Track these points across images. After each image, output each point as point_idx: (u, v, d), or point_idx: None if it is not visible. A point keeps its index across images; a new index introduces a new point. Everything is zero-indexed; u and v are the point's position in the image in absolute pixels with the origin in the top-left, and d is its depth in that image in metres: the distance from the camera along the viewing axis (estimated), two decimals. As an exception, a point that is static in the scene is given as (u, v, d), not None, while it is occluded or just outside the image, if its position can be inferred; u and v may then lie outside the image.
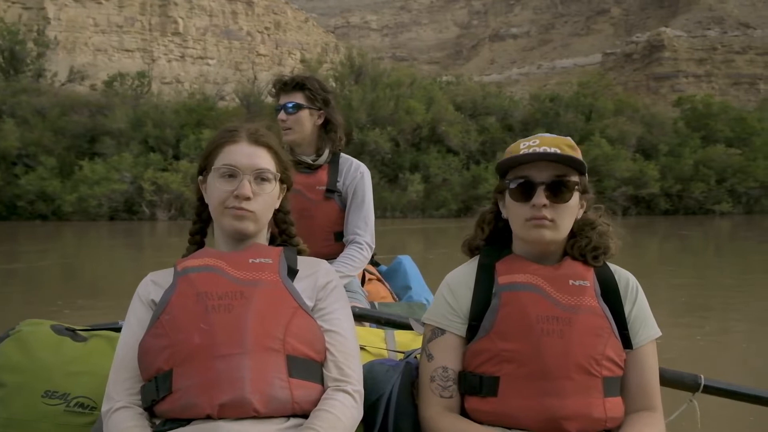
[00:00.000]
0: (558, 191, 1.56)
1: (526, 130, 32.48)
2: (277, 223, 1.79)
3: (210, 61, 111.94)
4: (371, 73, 32.85)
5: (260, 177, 1.61)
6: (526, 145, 1.60)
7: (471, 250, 1.74)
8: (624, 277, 1.64)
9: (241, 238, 1.63)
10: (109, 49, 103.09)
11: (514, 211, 1.60)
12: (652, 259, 14.23)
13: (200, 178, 1.70)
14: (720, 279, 10.95)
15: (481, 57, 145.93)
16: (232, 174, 1.60)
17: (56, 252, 17.29)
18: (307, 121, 2.78)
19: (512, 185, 1.59)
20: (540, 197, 1.54)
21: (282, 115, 2.76)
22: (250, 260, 1.57)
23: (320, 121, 2.81)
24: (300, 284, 1.60)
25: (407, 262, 3.51)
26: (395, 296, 3.19)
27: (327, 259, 2.57)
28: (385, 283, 3.23)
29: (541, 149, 1.56)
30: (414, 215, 30.42)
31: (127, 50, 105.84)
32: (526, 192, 1.57)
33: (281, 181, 1.69)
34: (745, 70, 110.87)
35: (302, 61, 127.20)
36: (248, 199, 1.58)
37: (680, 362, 4.45)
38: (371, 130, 29.56)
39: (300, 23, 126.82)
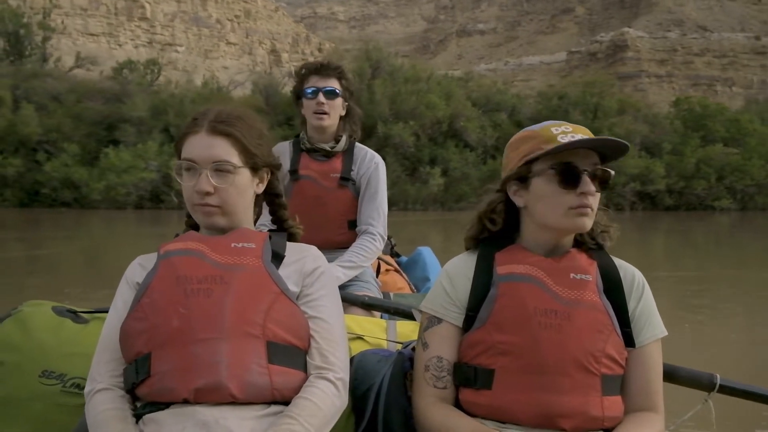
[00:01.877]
0: (600, 178, 1.53)
1: (535, 127, 33.58)
2: (268, 205, 1.76)
3: (178, 48, 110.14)
4: (388, 68, 33.36)
5: (219, 169, 1.54)
6: (559, 131, 1.53)
7: (477, 243, 1.66)
8: (630, 273, 1.60)
9: (218, 230, 1.60)
10: (73, 33, 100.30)
11: (554, 200, 1.52)
12: (666, 252, 15.02)
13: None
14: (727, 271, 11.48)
15: (449, 52, 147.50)
16: (190, 168, 1.55)
17: (84, 239, 17.31)
18: (340, 109, 2.78)
19: (552, 171, 1.52)
20: (589, 185, 1.50)
21: (321, 98, 2.71)
22: (233, 245, 1.54)
23: (344, 112, 2.82)
24: (285, 270, 1.57)
25: (427, 254, 3.50)
26: (413, 287, 3.16)
27: (340, 248, 2.76)
28: (403, 274, 3.22)
29: (578, 136, 1.51)
30: (434, 208, 31.19)
31: (91, 34, 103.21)
32: (571, 180, 1.50)
33: (252, 168, 1.61)
34: (703, 71, 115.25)
35: (272, 51, 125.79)
36: (208, 194, 1.54)
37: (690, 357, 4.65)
38: (395, 124, 30.15)
39: (270, 12, 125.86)
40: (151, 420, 1.38)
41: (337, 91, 2.74)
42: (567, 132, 1.52)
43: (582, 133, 1.52)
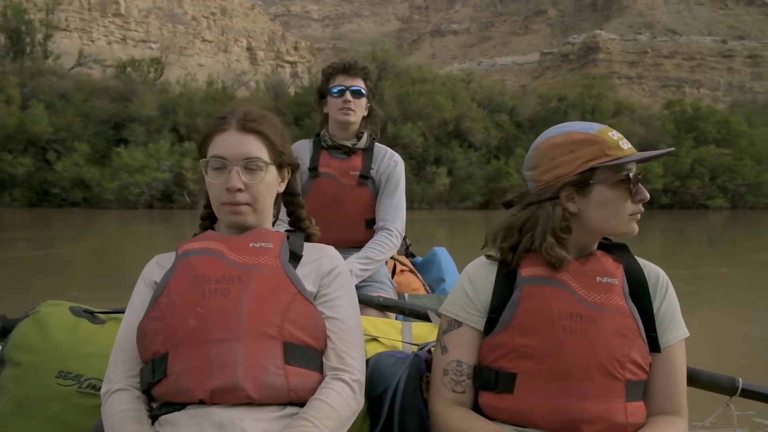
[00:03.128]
0: (643, 186, 1.54)
1: (535, 128, 34.46)
2: (285, 206, 1.76)
3: (153, 45, 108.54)
4: (394, 69, 33.83)
5: (249, 166, 1.55)
6: (616, 136, 1.52)
7: (512, 251, 1.57)
8: (654, 273, 1.58)
9: (243, 230, 1.60)
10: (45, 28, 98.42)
11: (617, 207, 1.51)
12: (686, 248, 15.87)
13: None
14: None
15: (422, 51, 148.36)
16: (221, 166, 1.55)
17: (99, 239, 17.29)
18: (363, 109, 2.81)
19: (620, 180, 1.50)
20: (645, 192, 1.52)
21: (348, 96, 2.74)
22: (251, 244, 1.54)
23: (366, 113, 2.86)
24: (303, 270, 1.56)
25: (442, 254, 3.49)
26: (428, 288, 3.14)
27: (357, 246, 2.74)
28: (418, 275, 3.20)
29: (627, 143, 1.52)
30: (439, 207, 31.76)
31: (63, 30, 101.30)
32: (634, 188, 1.51)
33: (279, 165, 1.62)
34: (672, 73, 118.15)
35: (248, 49, 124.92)
36: (240, 190, 1.53)
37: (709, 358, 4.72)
38: (404, 125, 30.65)
39: (246, 10, 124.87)
40: (167, 421, 1.38)
41: (363, 90, 2.78)
42: (621, 138, 1.52)
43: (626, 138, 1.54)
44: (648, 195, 1.52)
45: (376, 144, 2.90)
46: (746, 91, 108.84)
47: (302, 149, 2.83)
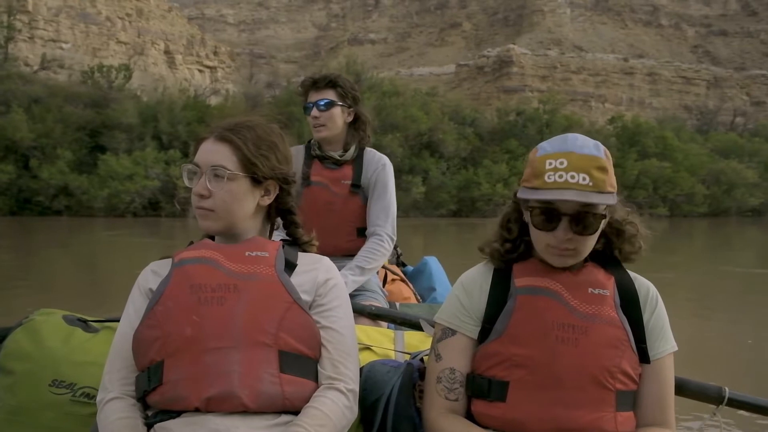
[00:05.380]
0: (584, 224, 1.48)
1: (495, 140, 36.70)
2: (284, 226, 1.77)
3: (64, 45, 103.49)
4: (367, 82, 34.96)
5: (215, 174, 1.56)
6: (552, 166, 1.46)
7: (502, 258, 1.62)
8: (644, 286, 1.60)
9: (230, 238, 1.62)
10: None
11: (535, 235, 1.54)
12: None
13: None
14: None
15: (340, 60, 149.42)
16: (194, 171, 1.59)
17: (91, 246, 17.29)
18: (339, 118, 2.80)
19: (533, 212, 1.50)
20: (565, 231, 1.48)
21: (315, 112, 2.77)
22: (247, 253, 1.55)
23: (350, 118, 2.84)
24: (298, 279, 1.57)
25: (433, 264, 3.50)
26: (419, 297, 3.17)
27: (349, 254, 2.77)
28: (409, 284, 3.21)
29: (569, 175, 1.44)
30: (414, 214, 33.16)
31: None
32: (549, 221, 1.49)
33: (254, 177, 1.60)
34: (580, 88, 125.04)
35: (166, 52, 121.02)
36: (203, 196, 1.56)
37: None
38: (384, 136, 31.83)
39: (164, 12, 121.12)
40: (163, 429, 1.38)
41: (334, 100, 2.78)
42: (559, 169, 1.45)
43: (579, 170, 1.45)
44: (566, 234, 1.47)
45: (367, 150, 2.92)
46: (646, 106, 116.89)
47: (295, 155, 2.73)
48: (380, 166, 2.87)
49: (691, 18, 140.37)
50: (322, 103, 2.77)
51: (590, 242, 1.53)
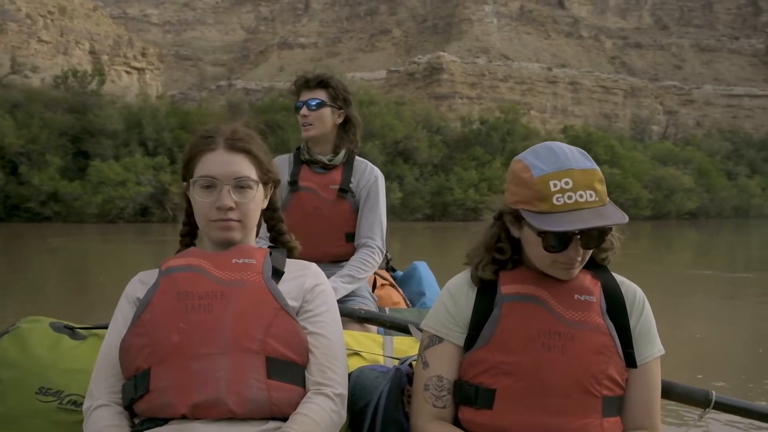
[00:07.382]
0: (596, 241, 1.49)
1: (461, 148, 38.63)
2: (266, 221, 1.78)
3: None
4: (344, 90, 35.96)
5: (240, 185, 1.57)
6: (558, 188, 1.42)
7: (478, 273, 1.59)
8: (631, 290, 1.60)
9: (228, 246, 1.61)
10: None
11: (538, 251, 1.51)
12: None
13: (185, 184, 1.65)
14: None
15: (270, 63, 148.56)
16: (210, 185, 1.57)
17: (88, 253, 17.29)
18: (329, 119, 2.79)
19: (546, 236, 1.47)
20: (575, 249, 1.47)
21: (304, 110, 2.77)
22: (234, 260, 1.55)
23: (340, 120, 2.84)
24: (285, 286, 1.57)
25: (422, 268, 3.52)
26: (408, 302, 3.19)
27: (338, 260, 2.83)
28: (399, 289, 3.24)
29: (578, 194, 1.42)
30: (391, 219, 34.33)
31: None
32: (562, 243, 1.46)
33: (265, 183, 1.65)
34: (507, 95, 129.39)
35: (91, 52, 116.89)
36: (231, 209, 1.56)
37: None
38: (365, 144, 32.95)
39: (88, 11, 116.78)
40: None
41: (322, 101, 2.77)
42: (566, 189, 1.42)
43: (585, 188, 1.44)
44: (578, 252, 1.47)
45: (357, 158, 2.91)
46: (568, 114, 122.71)
47: (282, 164, 2.86)
48: (372, 177, 2.88)
49: (609, 30, 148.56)
50: (312, 102, 2.78)
51: (588, 254, 1.54)
